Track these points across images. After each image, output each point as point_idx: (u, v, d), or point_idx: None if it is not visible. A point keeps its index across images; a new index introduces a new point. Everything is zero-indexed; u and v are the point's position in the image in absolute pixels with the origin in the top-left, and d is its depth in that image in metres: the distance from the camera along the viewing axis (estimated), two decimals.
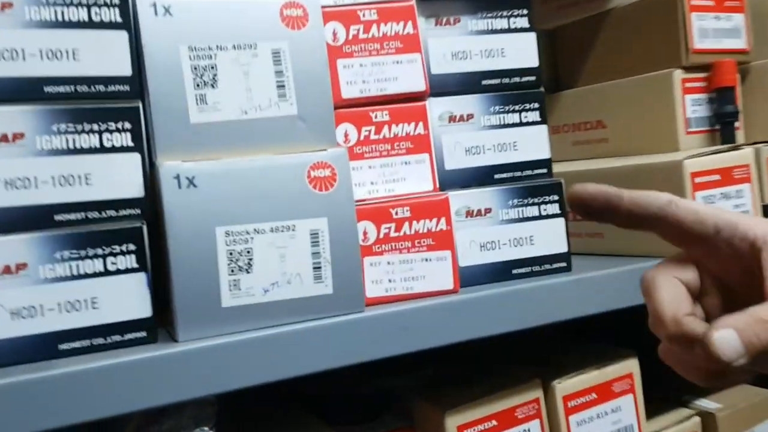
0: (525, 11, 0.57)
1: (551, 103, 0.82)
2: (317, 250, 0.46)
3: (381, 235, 0.50)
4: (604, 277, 0.55)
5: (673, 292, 0.36)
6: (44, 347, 0.41)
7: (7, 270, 0.40)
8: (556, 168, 0.70)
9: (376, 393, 0.60)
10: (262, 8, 0.47)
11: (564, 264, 0.56)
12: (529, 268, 0.55)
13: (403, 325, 0.48)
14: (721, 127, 0.69)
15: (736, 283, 0.36)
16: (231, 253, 0.44)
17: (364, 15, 0.52)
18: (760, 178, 0.69)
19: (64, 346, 0.42)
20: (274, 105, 0.47)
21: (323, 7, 0.50)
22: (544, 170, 0.57)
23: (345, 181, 0.46)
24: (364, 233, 0.49)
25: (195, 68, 0.45)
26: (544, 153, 0.57)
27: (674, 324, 0.34)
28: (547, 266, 0.56)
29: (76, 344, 0.42)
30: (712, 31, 0.70)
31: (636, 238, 0.62)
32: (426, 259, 0.50)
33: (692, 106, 0.69)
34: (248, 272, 0.44)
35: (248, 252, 0.44)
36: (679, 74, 0.68)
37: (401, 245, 0.50)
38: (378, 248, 0.49)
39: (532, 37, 0.57)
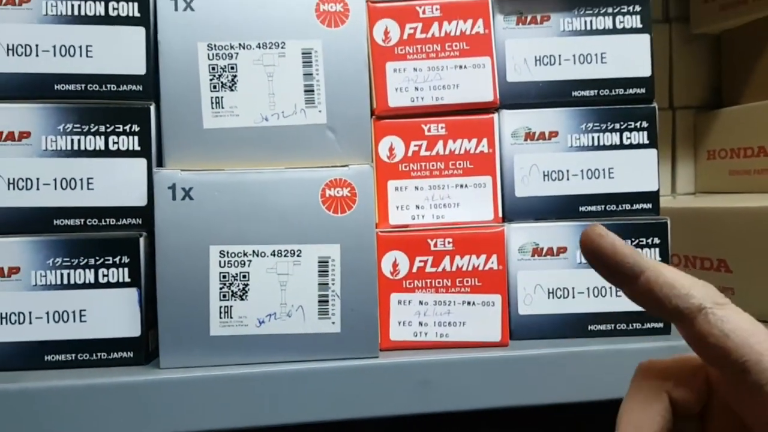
0: (638, 7, 0.46)
1: (707, 123, 0.69)
2: (325, 281, 0.39)
3: (414, 269, 0.42)
4: None
5: (644, 413, 0.30)
6: (30, 356, 0.40)
7: (0, 273, 0.39)
8: (706, 201, 0.58)
9: None
10: (294, 2, 0.41)
11: (660, 324, 0.44)
12: (611, 325, 0.44)
13: (425, 379, 0.40)
14: None
15: (754, 425, 0.28)
16: (225, 276, 0.39)
17: (424, 12, 0.44)
18: None
19: (49, 357, 0.40)
20: (299, 112, 0.41)
21: (374, 2, 0.44)
22: (648, 205, 0.46)
23: (366, 203, 0.40)
24: (394, 265, 0.42)
25: (213, 68, 0.41)
26: (649, 184, 0.46)
27: None
28: (637, 325, 0.44)
29: (61, 357, 0.40)
30: None
31: None
32: (468, 303, 0.42)
33: None
34: (242, 299, 0.39)
35: (244, 276, 0.39)
36: None
37: (438, 283, 0.42)
38: (409, 284, 0.42)
39: (644, 39, 0.46)
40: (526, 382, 0.41)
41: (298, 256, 0.39)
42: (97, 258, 0.40)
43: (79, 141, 0.40)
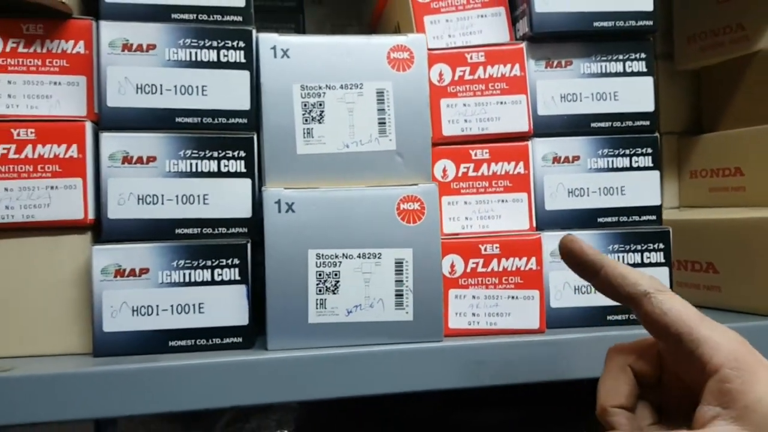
0: (643, 55, 0.56)
1: (690, 147, 0.79)
2: (401, 279, 0.48)
3: (468, 269, 0.51)
4: None
5: (614, 381, 0.39)
6: (157, 342, 0.48)
7: (133, 273, 0.47)
8: (693, 214, 0.68)
9: (460, 424, 0.61)
10: (370, 51, 0.51)
11: None
12: (625, 315, 0.54)
13: (480, 359, 0.49)
14: None
15: (693, 386, 0.36)
16: (320, 275, 0.48)
17: (471, 57, 0.54)
18: None
19: (173, 343, 0.48)
20: (374, 140, 0.50)
21: (431, 49, 0.53)
22: (653, 217, 0.56)
23: (433, 214, 0.49)
24: (452, 266, 0.51)
25: (305, 105, 0.50)
26: (654, 199, 0.56)
27: (601, 411, 0.38)
28: None
29: (183, 342, 0.48)
30: None
31: (755, 294, 0.58)
32: (512, 297, 0.51)
33: None
34: (334, 293, 0.48)
35: (336, 275, 0.48)
36: None
37: (488, 281, 0.51)
38: (464, 282, 0.51)
39: (648, 81, 0.57)
40: (559, 361, 0.51)
41: (378, 258, 0.48)
42: (213, 260, 0.48)
43: (196, 164, 0.49)
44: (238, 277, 0.48)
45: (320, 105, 0.50)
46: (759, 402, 0.33)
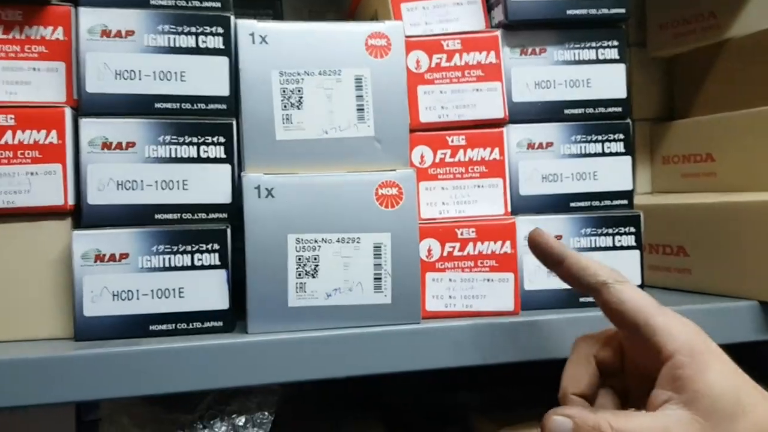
0: (615, 42, 0.58)
1: (663, 133, 0.81)
2: (379, 262, 0.49)
3: (445, 253, 0.52)
4: (681, 312, 0.55)
5: (577, 370, 0.42)
6: (137, 327, 0.48)
7: (113, 258, 0.48)
8: (665, 199, 0.70)
9: (439, 405, 0.62)
10: (348, 38, 0.51)
11: None
12: None
13: (457, 340, 0.50)
14: None
15: (651, 372, 0.39)
16: (300, 259, 0.48)
17: (447, 45, 0.55)
18: None
19: (153, 327, 0.48)
20: (353, 126, 0.51)
21: (408, 36, 0.54)
22: (625, 201, 0.57)
23: (410, 200, 0.50)
24: (429, 250, 0.52)
25: (284, 91, 0.50)
26: (625, 184, 0.58)
27: (562, 396, 0.41)
28: None
29: (164, 327, 0.48)
30: None
31: (724, 277, 0.60)
32: (488, 280, 0.53)
33: None
34: (314, 277, 0.49)
35: (315, 259, 0.49)
36: None
37: (464, 264, 0.52)
38: (441, 265, 0.52)
39: (620, 68, 0.58)
40: (532, 342, 0.52)
41: (357, 242, 0.49)
42: (193, 245, 0.49)
43: (175, 150, 0.49)
44: (218, 262, 0.49)
45: (299, 91, 0.50)
46: (708, 388, 0.36)
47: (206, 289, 0.49)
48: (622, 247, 0.56)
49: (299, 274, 0.48)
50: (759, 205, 0.57)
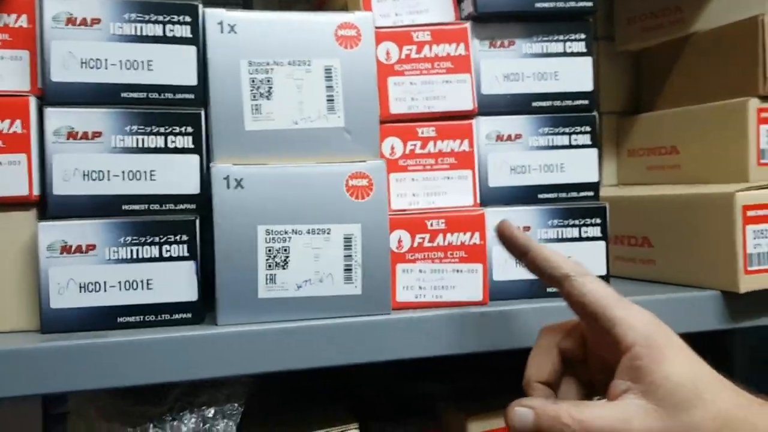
0: (582, 36, 0.58)
1: (629, 126, 0.82)
2: (349, 254, 0.49)
3: (415, 244, 0.53)
4: (645, 302, 0.55)
5: (540, 359, 0.44)
6: (105, 319, 0.48)
7: (80, 249, 0.47)
8: (631, 191, 0.71)
9: (408, 395, 0.62)
10: (318, 28, 0.51)
11: None
12: None
13: (427, 330, 0.50)
14: None
15: (611, 363, 0.40)
16: (270, 250, 0.48)
17: (417, 36, 0.55)
18: None
19: (121, 319, 0.48)
20: (322, 117, 0.51)
21: (378, 27, 0.54)
22: (591, 193, 0.58)
23: (381, 191, 0.50)
24: (399, 241, 0.52)
25: (253, 81, 0.50)
26: (592, 176, 0.58)
27: (526, 383, 0.43)
28: None
29: (131, 318, 0.48)
30: None
31: (687, 267, 0.61)
32: (457, 270, 0.53)
33: None
34: (284, 268, 0.49)
35: (285, 250, 0.49)
36: (754, 103, 0.66)
37: (434, 255, 0.53)
38: (411, 256, 0.53)
39: (587, 61, 0.58)
40: (501, 332, 0.52)
41: (328, 233, 0.49)
42: (161, 237, 0.48)
43: (143, 140, 0.49)
44: (186, 254, 0.48)
45: (268, 81, 0.50)
46: (665, 379, 0.37)
47: (175, 281, 0.48)
48: (588, 238, 0.57)
49: (269, 266, 0.48)
50: (719, 197, 0.58)
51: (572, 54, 0.58)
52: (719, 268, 0.58)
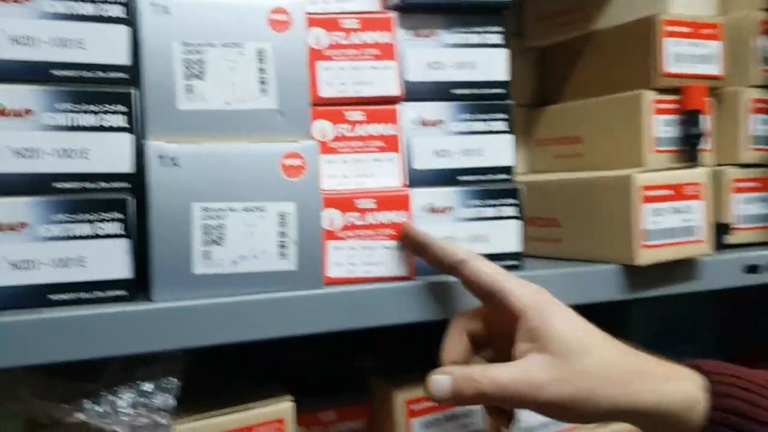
0: (499, 28, 0.62)
1: (537, 117, 0.87)
2: (284, 231, 0.51)
3: (346, 223, 0.55)
4: (552, 276, 0.60)
5: (451, 342, 0.50)
6: (37, 296, 0.47)
7: (10, 227, 0.47)
8: (540, 177, 0.75)
9: (341, 373, 0.65)
10: (251, 12, 0.52)
11: (517, 262, 0.61)
12: None
13: (357, 304, 0.53)
14: (687, 147, 0.73)
15: (512, 334, 0.46)
16: (205, 227, 0.49)
17: (345, 23, 0.57)
18: (721, 198, 0.74)
19: (54, 297, 0.48)
20: (255, 98, 0.52)
21: (309, 13, 0.56)
22: (507, 176, 0.62)
23: (314, 170, 0.52)
24: (331, 220, 0.55)
25: (186, 61, 0.51)
26: (508, 160, 0.62)
27: (441, 366, 0.47)
28: (501, 263, 0.60)
29: (64, 296, 0.48)
30: (688, 57, 0.75)
31: (590, 244, 0.67)
32: (386, 247, 0.56)
33: (664, 126, 0.73)
34: (219, 245, 0.50)
35: (221, 227, 0.50)
36: (648, 95, 0.72)
37: (364, 233, 0.55)
38: (342, 234, 0.55)
39: (503, 52, 0.62)
40: (426, 304, 0.56)
41: (263, 211, 0.51)
42: (93, 214, 0.48)
43: (74, 118, 0.48)
44: (120, 231, 0.49)
45: (201, 62, 0.51)
46: (556, 333, 0.44)
47: (109, 258, 0.49)
48: (504, 217, 0.61)
49: (205, 242, 0.49)
50: (619, 179, 0.64)
51: (489, 45, 0.62)
52: (619, 243, 0.63)
